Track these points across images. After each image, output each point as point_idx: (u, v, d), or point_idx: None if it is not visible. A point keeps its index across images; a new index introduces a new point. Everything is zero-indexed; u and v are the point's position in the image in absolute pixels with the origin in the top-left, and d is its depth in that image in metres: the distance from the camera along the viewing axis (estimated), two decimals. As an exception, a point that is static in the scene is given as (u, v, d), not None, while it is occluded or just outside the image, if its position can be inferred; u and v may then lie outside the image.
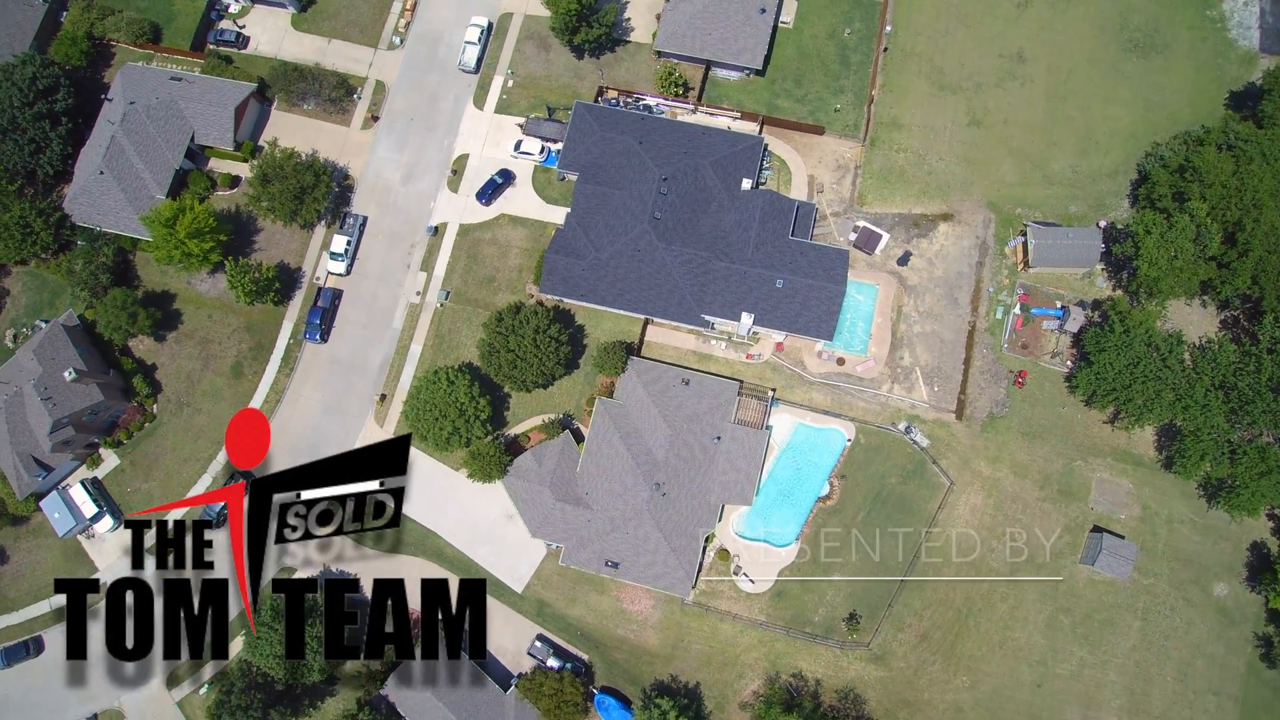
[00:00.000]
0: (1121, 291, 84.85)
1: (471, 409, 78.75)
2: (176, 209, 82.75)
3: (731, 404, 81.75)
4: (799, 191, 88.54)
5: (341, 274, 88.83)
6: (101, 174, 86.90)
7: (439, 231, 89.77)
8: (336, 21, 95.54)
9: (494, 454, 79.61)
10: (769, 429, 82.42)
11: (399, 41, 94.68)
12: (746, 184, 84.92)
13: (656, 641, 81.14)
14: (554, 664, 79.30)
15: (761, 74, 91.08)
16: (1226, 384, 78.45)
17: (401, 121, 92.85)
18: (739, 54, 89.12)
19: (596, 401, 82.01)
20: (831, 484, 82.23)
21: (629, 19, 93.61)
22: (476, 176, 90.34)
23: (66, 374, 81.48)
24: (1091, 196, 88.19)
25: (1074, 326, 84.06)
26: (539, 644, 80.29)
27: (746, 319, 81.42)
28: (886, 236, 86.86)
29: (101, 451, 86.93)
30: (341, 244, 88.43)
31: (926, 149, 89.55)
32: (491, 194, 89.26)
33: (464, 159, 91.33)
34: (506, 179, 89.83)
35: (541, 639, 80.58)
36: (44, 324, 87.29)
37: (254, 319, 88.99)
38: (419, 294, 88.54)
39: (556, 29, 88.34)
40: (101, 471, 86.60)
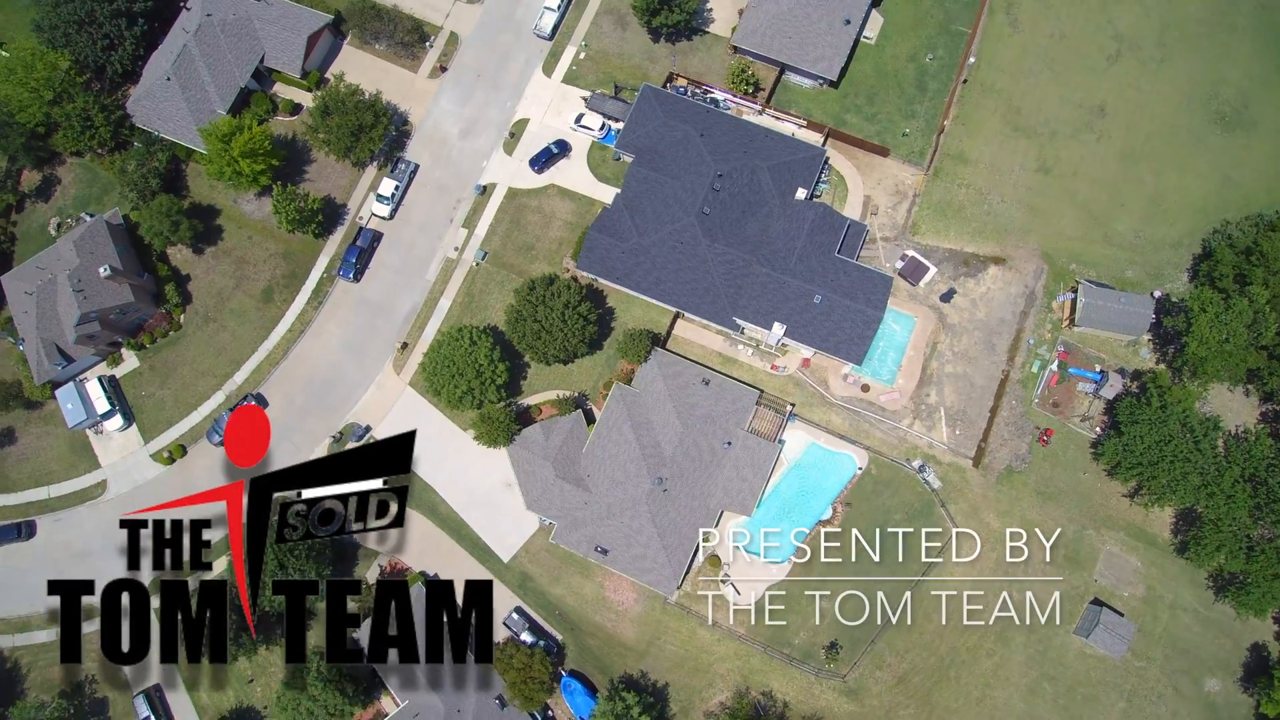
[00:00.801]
0: (1165, 366, 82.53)
1: (489, 371, 78.43)
2: (235, 126, 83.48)
3: (748, 412, 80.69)
4: (853, 210, 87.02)
5: (385, 217, 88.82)
6: (168, 80, 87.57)
7: (487, 191, 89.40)
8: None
9: (504, 420, 79.25)
10: (781, 443, 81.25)
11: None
12: (801, 194, 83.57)
13: (633, 635, 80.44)
14: (528, 639, 78.92)
15: (835, 85, 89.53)
16: (1257, 478, 76.04)
17: (469, 76, 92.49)
18: (816, 62, 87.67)
19: (614, 386, 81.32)
20: (835, 509, 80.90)
21: (710, 9, 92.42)
22: (533, 143, 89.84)
23: (102, 270, 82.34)
24: (1151, 264, 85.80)
25: (1110, 393, 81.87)
26: (516, 616, 79.94)
27: (778, 329, 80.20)
28: (934, 270, 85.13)
29: (123, 352, 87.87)
30: (390, 187, 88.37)
31: (990, 188, 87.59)
32: (545, 163, 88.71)
33: (524, 123, 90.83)
34: (562, 150, 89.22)
35: (519, 611, 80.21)
36: (89, 217, 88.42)
37: (292, 247, 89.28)
38: (457, 249, 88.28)
39: (637, 8, 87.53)
40: (120, 371, 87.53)
